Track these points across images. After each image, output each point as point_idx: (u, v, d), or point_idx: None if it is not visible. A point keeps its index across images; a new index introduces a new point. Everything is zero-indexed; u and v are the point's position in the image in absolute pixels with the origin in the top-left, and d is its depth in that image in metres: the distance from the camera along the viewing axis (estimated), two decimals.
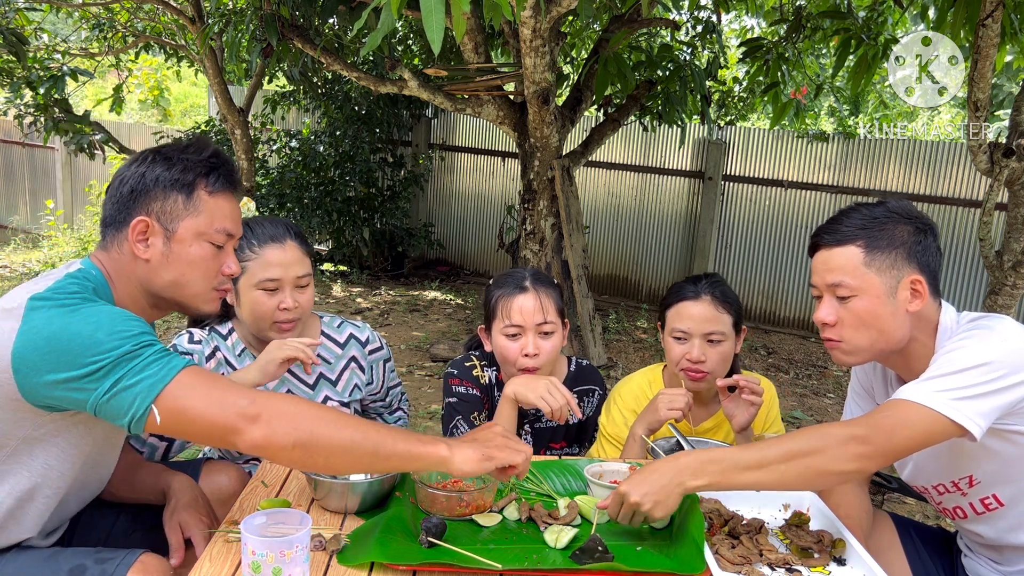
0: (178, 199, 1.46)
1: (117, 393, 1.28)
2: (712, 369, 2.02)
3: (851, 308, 1.56)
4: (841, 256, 1.56)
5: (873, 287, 1.54)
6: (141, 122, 12.38)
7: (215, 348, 1.99)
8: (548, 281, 2.09)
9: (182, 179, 1.46)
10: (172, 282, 1.48)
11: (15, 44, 5.21)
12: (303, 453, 1.32)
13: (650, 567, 1.37)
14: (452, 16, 1.63)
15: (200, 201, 1.47)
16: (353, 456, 1.35)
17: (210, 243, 1.49)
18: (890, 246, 1.54)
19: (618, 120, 5.82)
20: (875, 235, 1.55)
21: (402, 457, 1.38)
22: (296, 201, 8.04)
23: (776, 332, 7.21)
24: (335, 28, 6.14)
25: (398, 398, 2.28)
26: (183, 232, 1.46)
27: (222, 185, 1.50)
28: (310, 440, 1.31)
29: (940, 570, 1.78)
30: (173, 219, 1.46)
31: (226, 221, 1.51)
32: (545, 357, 2.01)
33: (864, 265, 1.54)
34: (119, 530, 1.72)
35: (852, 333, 1.57)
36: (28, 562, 1.44)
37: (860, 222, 1.56)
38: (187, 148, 1.50)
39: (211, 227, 1.48)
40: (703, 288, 2.05)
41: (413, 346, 5.99)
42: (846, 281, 1.55)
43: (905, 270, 1.54)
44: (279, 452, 1.32)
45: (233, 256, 1.56)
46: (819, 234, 1.62)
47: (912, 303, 1.55)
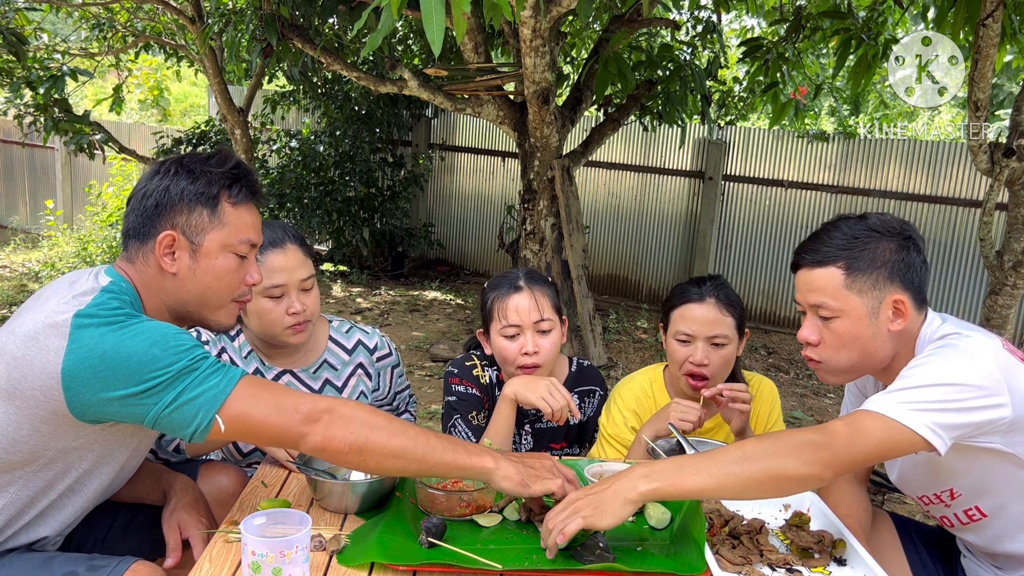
0: (203, 212, 1.47)
1: (180, 406, 1.32)
2: (714, 373, 2.01)
3: (833, 328, 1.54)
4: (822, 278, 1.54)
5: (854, 308, 1.52)
6: (141, 122, 12.37)
7: (222, 348, 1.99)
8: (542, 279, 2.09)
9: (207, 192, 1.47)
10: (199, 295, 1.49)
11: (15, 44, 5.20)
12: (358, 457, 1.38)
13: (651, 567, 1.36)
14: (452, 16, 1.63)
15: (224, 213, 1.48)
16: (403, 461, 1.40)
17: (235, 254, 1.50)
18: (871, 267, 1.51)
19: (618, 120, 5.82)
20: (856, 256, 1.52)
21: (448, 466, 1.43)
22: (296, 201, 8.04)
23: (776, 332, 7.20)
24: (335, 28, 6.14)
25: (405, 401, 2.28)
26: (209, 245, 1.47)
27: (245, 196, 1.51)
28: (364, 445, 1.37)
29: (940, 570, 1.78)
30: (199, 232, 1.46)
31: (249, 232, 1.52)
32: (545, 355, 2.01)
33: (845, 287, 1.52)
34: (117, 529, 1.72)
35: (832, 354, 1.56)
36: (22, 568, 1.44)
37: (841, 242, 1.53)
38: (209, 160, 1.51)
39: (235, 239, 1.50)
40: (707, 291, 2.04)
41: (413, 346, 5.99)
42: (827, 303, 1.53)
43: (887, 290, 1.52)
44: (336, 455, 1.39)
45: (255, 266, 1.57)
46: (800, 253, 1.59)
47: (894, 322, 1.53)
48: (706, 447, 1.91)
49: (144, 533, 1.71)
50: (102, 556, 1.47)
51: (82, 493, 1.50)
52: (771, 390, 2.18)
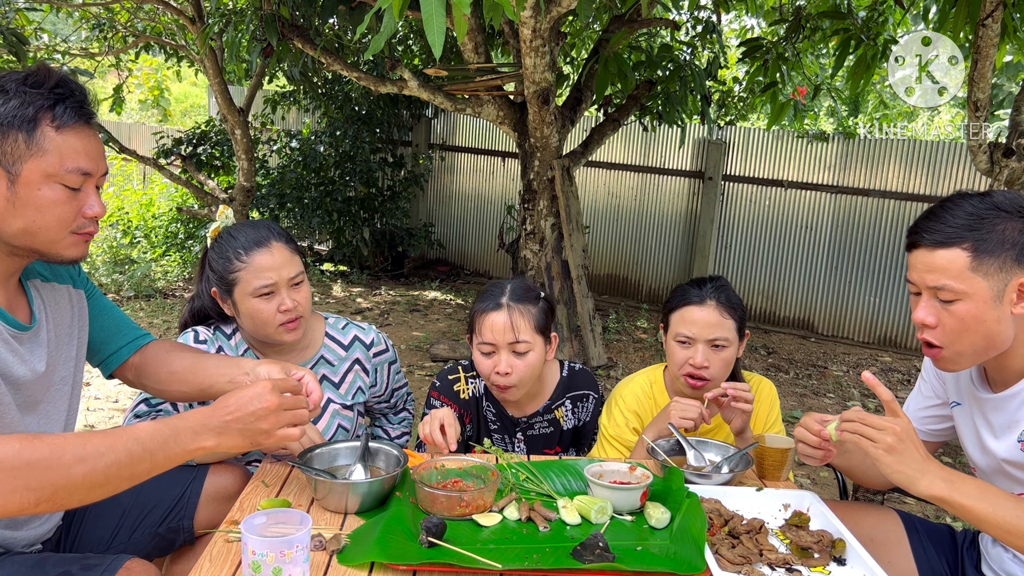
0: (18, 137, 1.30)
1: None
2: (714, 376, 2.01)
3: (954, 312, 1.44)
4: (944, 258, 1.43)
5: (979, 291, 1.42)
6: (141, 122, 12.38)
7: (219, 348, 1.99)
8: (530, 297, 2.04)
9: (21, 115, 1.29)
10: (23, 229, 1.34)
11: (15, 44, 5.20)
12: (50, 505, 1.18)
13: (651, 567, 1.37)
14: (453, 17, 1.63)
15: (45, 139, 1.31)
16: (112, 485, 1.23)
17: (62, 185, 1.34)
18: (999, 248, 1.41)
19: (618, 120, 5.82)
20: (983, 237, 1.41)
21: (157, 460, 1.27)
22: (296, 201, 8.05)
23: (776, 332, 7.21)
24: (335, 28, 6.15)
25: (403, 399, 2.28)
26: (28, 175, 1.31)
27: (71, 118, 1.33)
28: (54, 495, 1.17)
29: (945, 566, 1.78)
30: (15, 160, 1.30)
31: (79, 159, 1.34)
32: (518, 376, 1.99)
33: (971, 269, 1.42)
34: (125, 529, 1.72)
35: (954, 339, 1.46)
36: (14, 570, 1.41)
37: (966, 221, 1.43)
38: (27, 78, 1.32)
39: (61, 167, 1.32)
40: (708, 293, 2.03)
41: (413, 346, 5.99)
42: (950, 285, 1.43)
43: (1014, 272, 1.42)
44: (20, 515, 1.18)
45: (96, 196, 1.40)
46: (918, 231, 1.48)
47: (1018, 305, 1.44)
48: (706, 447, 1.91)
49: (150, 534, 1.70)
50: (96, 555, 1.45)
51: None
52: (770, 390, 2.18)
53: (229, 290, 1.90)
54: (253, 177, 7.24)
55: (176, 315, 6.22)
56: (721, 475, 1.75)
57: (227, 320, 2.02)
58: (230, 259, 1.87)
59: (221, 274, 1.89)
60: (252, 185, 7.28)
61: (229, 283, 1.89)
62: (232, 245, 1.88)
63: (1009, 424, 1.56)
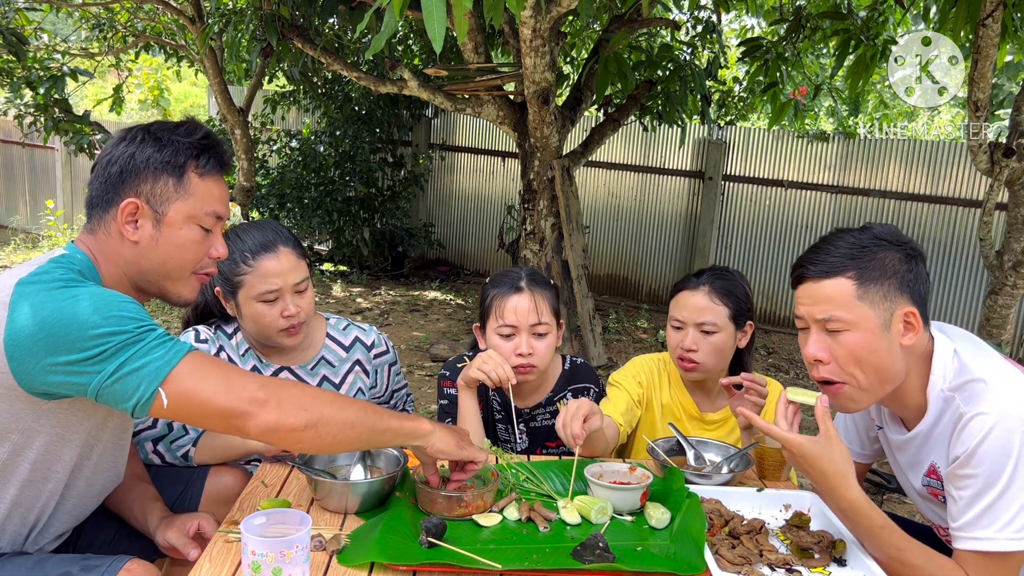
0: (169, 181, 1.44)
1: (122, 377, 1.27)
2: (704, 360, 2.06)
3: (844, 343, 1.46)
4: (831, 288, 1.46)
5: (867, 320, 1.44)
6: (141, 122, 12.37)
7: (220, 347, 1.99)
8: (544, 282, 2.10)
9: (173, 161, 1.44)
10: (159, 265, 1.46)
11: (15, 44, 5.21)
12: (314, 433, 1.36)
13: (651, 567, 1.37)
14: (453, 16, 1.63)
15: (191, 184, 1.45)
16: (356, 432, 1.42)
17: (199, 226, 1.48)
18: (882, 275, 1.45)
19: (618, 120, 5.82)
20: (865, 265, 1.45)
21: (395, 432, 1.49)
22: (296, 201, 8.04)
23: (776, 332, 7.21)
24: (335, 28, 6.15)
25: (403, 400, 2.28)
26: (173, 215, 1.44)
27: (212, 167, 1.48)
28: (320, 420, 1.36)
29: None
30: (163, 202, 1.44)
31: (216, 204, 1.49)
32: (539, 357, 2.02)
33: (857, 298, 1.44)
34: (124, 532, 1.71)
35: (851, 373, 1.47)
36: (14, 570, 1.42)
37: (848, 251, 1.46)
38: (178, 128, 1.48)
39: (201, 210, 1.47)
40: (704, 280, 2.11)
41: (413, 346, 5.99)
42: (838, 315, 1.45)
43: (898, 301, 1.45)
44: (289, 433, 1.35)
45: (221, 239, 1.53)
46: (803, 265, 1.51)
47: (906, 336, 1.46)
48: (706, 447, 1.92)
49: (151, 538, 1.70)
50: (96, 556, 1.45)
51: (50, 479, 1.44)
52: (774, 390, 2.18)
53: (233, 292, 1.89)
54: (253, 177, 7.25)
55: (177, 315, 6.22)
56: (721, 475, 1.75)
57: (229, 320, 2.02)
58: (236, 262, 1.86)
59: (226, 275, 1.89)
60: (252, 185, 7.28)
61: (234, 285, 1.89)
62: (239, 247, 1.87)
63: (913, 464, 1.60)
